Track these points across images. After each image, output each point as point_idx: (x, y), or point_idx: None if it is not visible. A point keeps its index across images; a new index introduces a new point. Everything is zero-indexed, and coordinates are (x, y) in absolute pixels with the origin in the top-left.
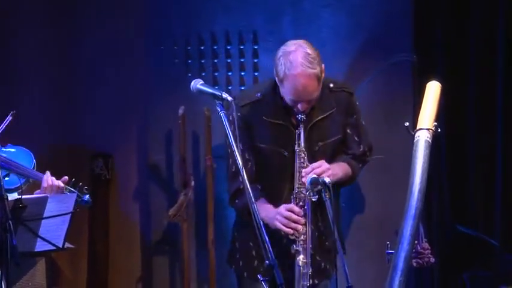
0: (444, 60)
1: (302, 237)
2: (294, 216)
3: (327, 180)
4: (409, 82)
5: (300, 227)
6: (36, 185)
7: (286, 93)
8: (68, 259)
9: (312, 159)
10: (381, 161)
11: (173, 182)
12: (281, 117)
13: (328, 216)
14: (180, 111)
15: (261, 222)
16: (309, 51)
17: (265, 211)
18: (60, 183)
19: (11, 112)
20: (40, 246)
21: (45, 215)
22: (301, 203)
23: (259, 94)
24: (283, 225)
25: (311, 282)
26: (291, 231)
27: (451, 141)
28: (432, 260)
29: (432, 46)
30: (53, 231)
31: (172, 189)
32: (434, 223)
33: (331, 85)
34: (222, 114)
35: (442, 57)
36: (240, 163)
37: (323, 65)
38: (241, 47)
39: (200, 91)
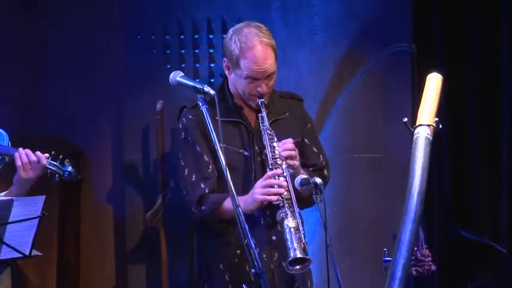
0: (445, 50)
1: (287, 201)
2: (274, 181)
3: (318, 181)
4: (408, 74)
5: (282, 190)
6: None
7: (245, 70)
8: (36, 268)
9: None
10: (377, 160)
11: (151, 183)
12: (234, 115)
13: (321, 219)
14: (158, 106)
15: (247, 227)
16: (261, 25)
17: (241, 200)
18: (40, 156)
19: None
20: (5, 253)
21: (10, 220)
22: (279, 171)
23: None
24: (265, 194)
25: (305, 243)
26: (275, 197)
27: (453, 138)
28: (433, 267)
29: (432, 35)
30: (19, 237)
31: (150, 191)
32: (436, 228)
33: (280, 94)
34: (203, 109)
35: (443, 47)
36: (224, 163)
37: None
38: (225, 36)
39: (180, 84)
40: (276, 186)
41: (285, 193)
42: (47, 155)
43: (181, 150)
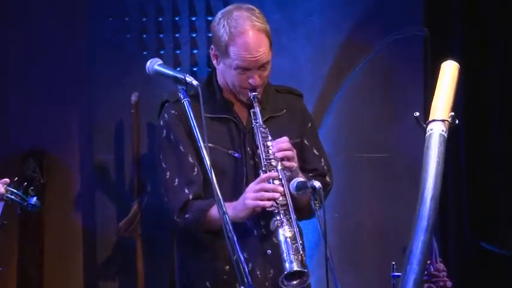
0: (463, 34)
1: (282, 207)
2: (268, 185)
3: (317, 184)
4: (419, 62)
5: (277, 194)
6: None
7: (235, 59)
8: None
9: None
10: (383, 160)
11: (125, 188)
12: (223, 111)
13: (320, 228)
14: (133, 98)
15: (235, 238)
16: (253, 7)
17: (230, 207)
18: None
19: None
20: None
21: None
22: (274, 174)
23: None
24: (258, 199)
25: (303, 255)
26: (269, 203)
27: (472, 135)
28: (449, 284)
29: (448, 17)
30: None
31: (124, 196)
32: (452, 238)
33: (276, 87)
34: (185, 102)
35: (461, 31)
36: (208, 163)
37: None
38: (209, 19)
39: (158, 73)
40: (270, 191)
41: (281, 198)
42: (7, 180)
43: (163, 151)
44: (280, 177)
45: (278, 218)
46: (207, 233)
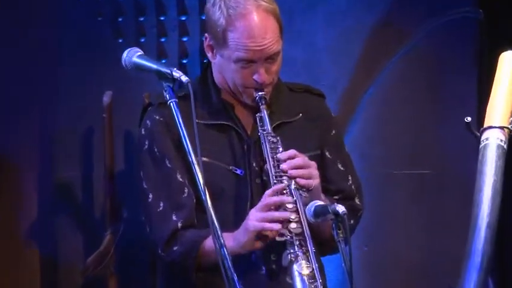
0: None
1: (297, 237)
2: (275, 198)
3: (341, 209)
4: (471, 53)
5: (286, 214)
6: None
7: (236, 49)
8: None
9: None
10: (425, 178)
11: (94, 213)
12: (221, 116)
13: (345, 265)
14: (106, 99)
15: (235, 277)
16: None
17: (229, 237)
18: None
19: None
20: None
21: None
22: (282, 185)
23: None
24: (265, 220)
25: None
26: (279, 225)
27: None
28: None
29: None
30: None
31: (93, 225)
32: None
33: (290, 86)
34: (172, 103)
35: None
36: (201, 182)
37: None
38: (207, 2)
39: (137, 67)
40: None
41: (295, 226)
42: None
43: (144, 167)
44: (295, 199)
45: (292, 250)
46: (199, 271)
